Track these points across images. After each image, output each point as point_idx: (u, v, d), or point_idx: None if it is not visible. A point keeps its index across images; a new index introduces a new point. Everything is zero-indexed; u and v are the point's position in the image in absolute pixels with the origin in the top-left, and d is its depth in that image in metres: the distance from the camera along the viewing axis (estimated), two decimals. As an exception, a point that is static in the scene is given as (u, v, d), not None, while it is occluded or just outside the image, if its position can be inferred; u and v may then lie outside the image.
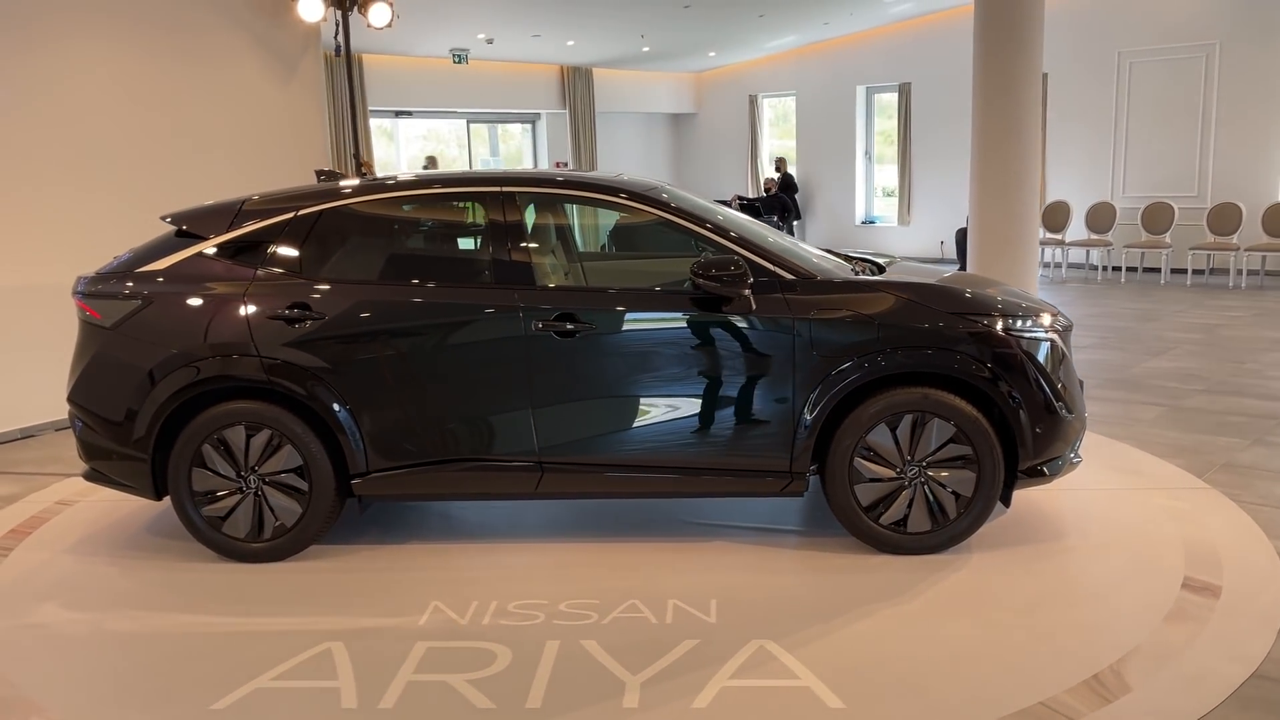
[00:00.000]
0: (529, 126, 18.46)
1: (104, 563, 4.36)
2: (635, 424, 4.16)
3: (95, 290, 4.33)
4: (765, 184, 17.06)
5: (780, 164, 17.08)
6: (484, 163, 17.94)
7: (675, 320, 4.12)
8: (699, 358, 4.11)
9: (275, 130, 7.77)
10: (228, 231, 4.34)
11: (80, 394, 4.34)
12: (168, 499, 4.33)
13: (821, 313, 4.04)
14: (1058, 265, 13.69)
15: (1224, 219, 12.23)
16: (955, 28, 14.70)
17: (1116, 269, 13.13)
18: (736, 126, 18.73)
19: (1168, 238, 12.63)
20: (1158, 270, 12.76)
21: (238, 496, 4.22)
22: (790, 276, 4.11)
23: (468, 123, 17.63)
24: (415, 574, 4.15)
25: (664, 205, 4.31)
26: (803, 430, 4.06)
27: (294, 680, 3.28)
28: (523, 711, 3.05)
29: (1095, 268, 13.46)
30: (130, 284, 4.30)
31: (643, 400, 4.14)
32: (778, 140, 19.01)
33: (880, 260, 4.86)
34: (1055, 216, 13.54)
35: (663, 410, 4.13)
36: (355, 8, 8.30)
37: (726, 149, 18.99)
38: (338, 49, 8.57)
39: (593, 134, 17.88)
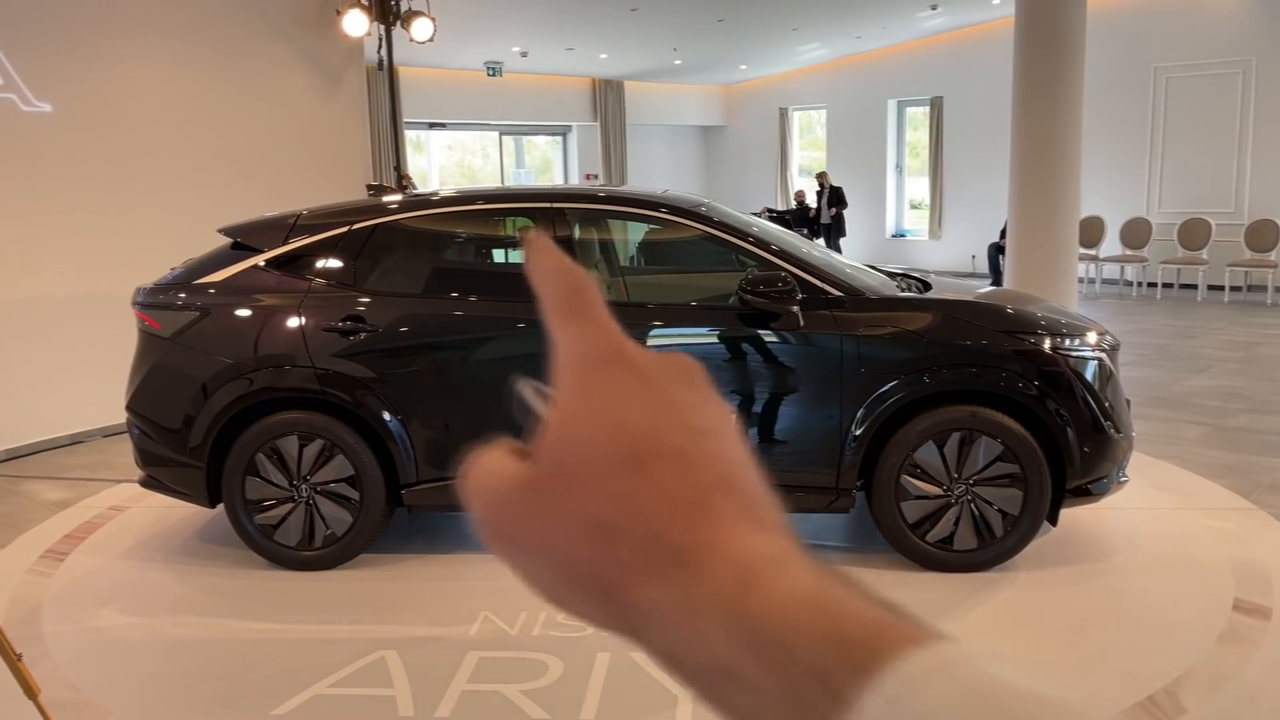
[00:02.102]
0: (558, 139, 18.57)
1: (159, 568, 4.44)
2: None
3: (155, 301, 4.42)
4: (796, 195, 16.94)
5: (822, 179, 16.27)
6: (515, 175, 18.06)
7: (723, 336, 4.16)
8: (746, 373, 4.15)
9: (319, 143, 7.88)
10: (283, 245, 4.42)
11: (139, 402, 4.42)
12: (220, 507, 4.41)
13: (869, 330, 4.06)
14: (1091, 281, 13.60)
15: (1262, 235, 12.13)
16: (988, 41, 14.70)
17: (1152, 285, 13.04)
18: (766, 139, 18.76)
19: (1204, 254, 12.53)
20: (1194, 287, 12.66)
21: (290, 505, 4.29)
22: (837, 293, 4.14)
23: (500, 135, 17.76)
24: (463, 584, 4.19)
25: (708, 220, 4.35)
26: (849, 446, 4.08)
27: (351, 688, 3.33)
28: (578, 723, 3.09)
29: (1130, 284, 13.37)
30: (188, 295, 4.39)
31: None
32: (807, 153, 19.03)
33: (928, 277, 4.88)
34: (1089, 232, 13.44)
35: (710, 425, 4.15)
36: (398, 22, 8.41)
37: (756, 161, 19.02)
38: (380, 63, 8.69)
39: (623, 146, 17.96)
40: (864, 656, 0.34)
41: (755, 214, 12.49)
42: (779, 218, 15.57)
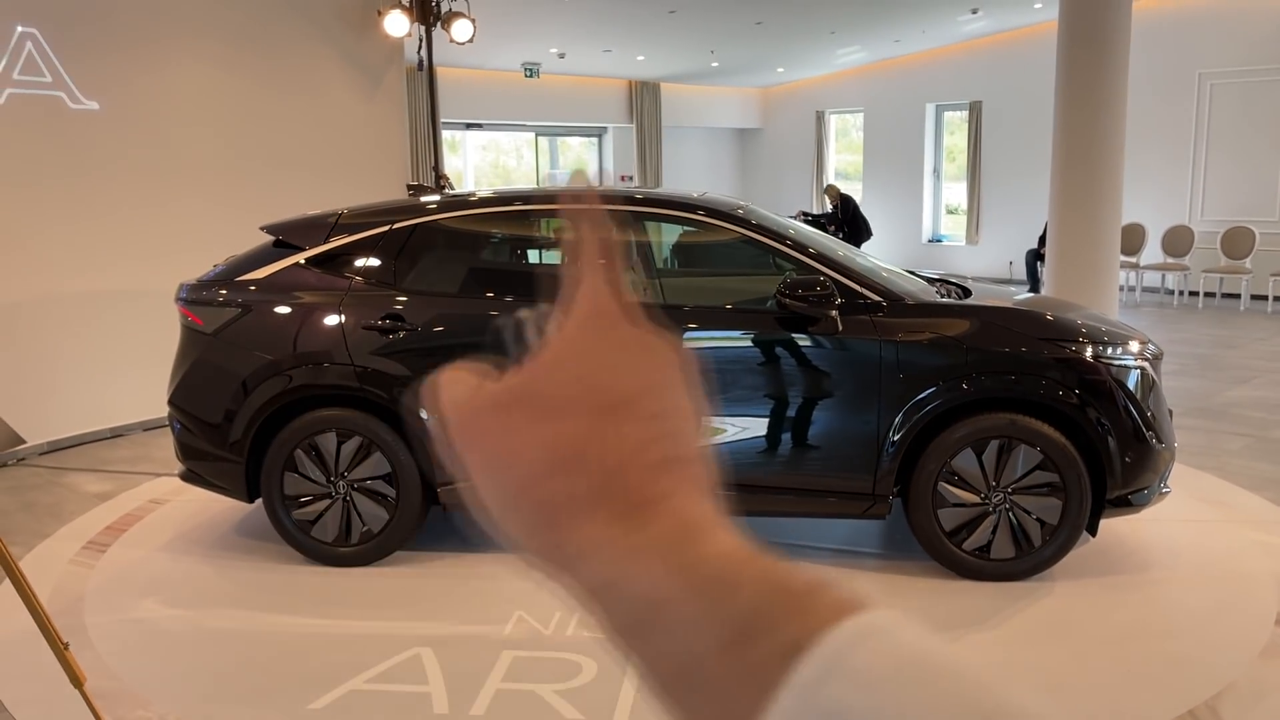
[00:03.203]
0: (593, 140, 18.61)
1: (198, 561, 4.50)
2: (717, 441, 4.19)
3: (198, 297, 4.48)
4: (829, 190, 16.35)
5: (830, 191, 15.14)
6: (552, 176, 18.12)
7: (760, 340, 4.14)
8: (782, 377, 4.13)
9: (360, 143, 7.95)
10: (324, 243, 4.46)
11: (180, 397, 4.48)
12: (258, 501, 4.46)
13: (908, 335, 4.03)
14: (1132, 289, 13.42)
15: (1307, 245, 11.91)
16: (1029, 46, 14.55)
17: (1193, 294, 12.84)
18: (802, 142, 18.69)
19: (1248, 263, 12.32)
20: (1237, 296, 12.46)
21: (327, 501, 4.33)
22: (876, 298, 4.11)
23: (536, 135, 17.83)
24: (497, 583, 4.21)
25: (746, 223, 4.34)
26: (887, 453, 4.05)
27: (387, 684, 3.35)
28: (611, 724, 3.10)
29: (1171, 292, 13.17)
30: (230, 292, 4.44)
31: (726, 418, 4.17)
32: (843, 156, 18.93)
33: (962, 283, 4.84)
34: (1130, 239, 13.27)
35: (745, 429, 4.16)
36: (439, 23, 8.47)
37: (792, 164, 18.95)
38: (420, 63, 8.75)
39: (659, 148, 17.96)
40: (806, 604, 0.36)
41: (791, 217, 12.44)
42: (814, 221, 15.48)
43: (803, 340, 4.09)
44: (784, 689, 0.34)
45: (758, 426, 4.14)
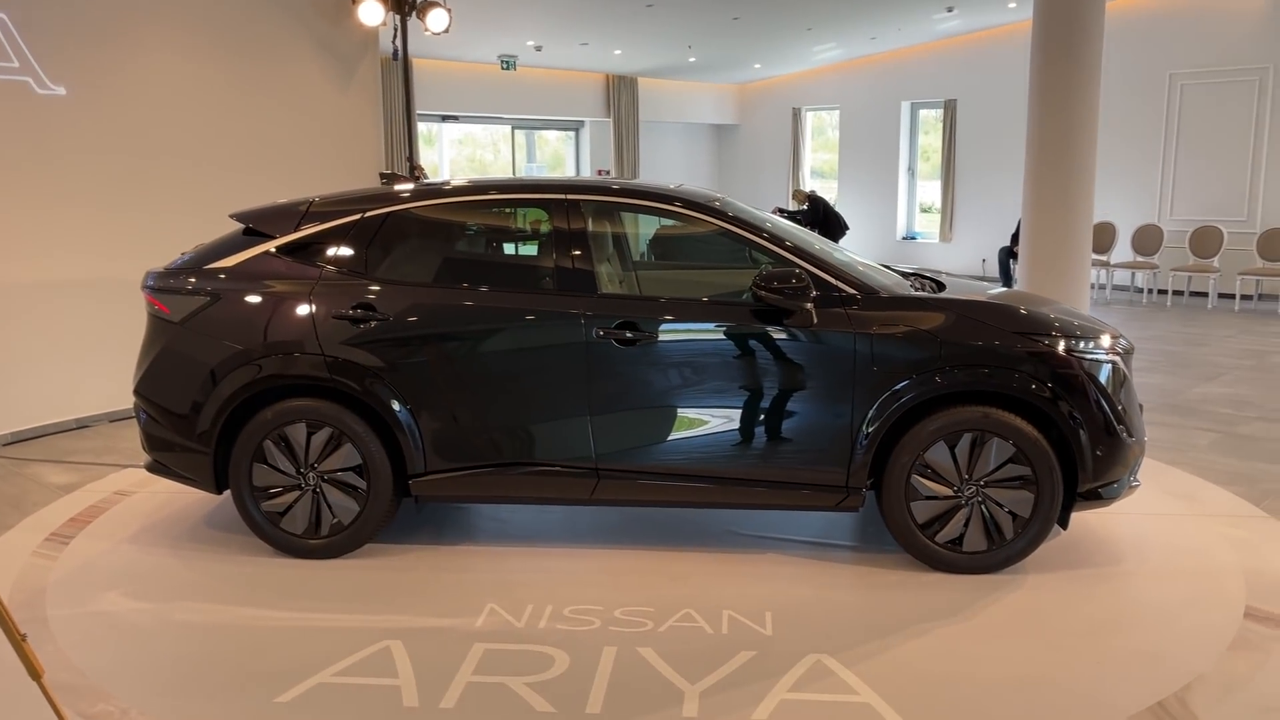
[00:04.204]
0: (571, 134, 18.55)
1: (164, 554, 4.43)
2: (692, 434, 4.17)
3: (164, 285, 4.41)
4: (796, 195, 16.38)
5: (797, 196, 15.26)
6: (526, 169, 18.05)
7: (735, 332, 4.13)
8: (758, 370, 4.12)
9: (333, 132, 7.87)
10: (294, 231, 4.40)
11: (146, 387, 4.41)
12: (227, 493, 4.40)
13: (882, 328, 4.03)
14: (1102, 287, 13.55)
15: (1274, 244, 12.06)
16: (1003, 45, 14.65)
17: (1162, 292, 12.98)
18: (779, 139, 18.72)
19: (1216, 262, 12.47)
20: (1204, 295, 12.60)
21: (297, 493, 4.28)
22: (851, 291, 4.11)
23: (513, 128, 17.74)
24: (470, 575, 4.18)
25: (723, 215, 4.32)
26: (860, 445, 4.05)
27: (355, 677, 3.31)
28: (583, 716, 3.07)
29: (1140, 290, 13.31)
30: (198, 280, 4.37)
31: (700, 410, 4.15)
32: (820, 154, 18.98)
33: (937, 277, 4.84)
34: (1101, 238, 13.39)
35: (720, 421, 4.14)
36: (414, 13, 8.39)
37: (769, 161, 18.98)
38: (395, 53, 8.67)
39: (636, 143, 17.93)
40: None
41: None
42: (790, 218, 15.47)
43: (778, 333, 4.07)
44: None
45: (732, 419, 4.13)
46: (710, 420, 4.15)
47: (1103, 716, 3.03)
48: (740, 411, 4.13)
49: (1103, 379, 4.08)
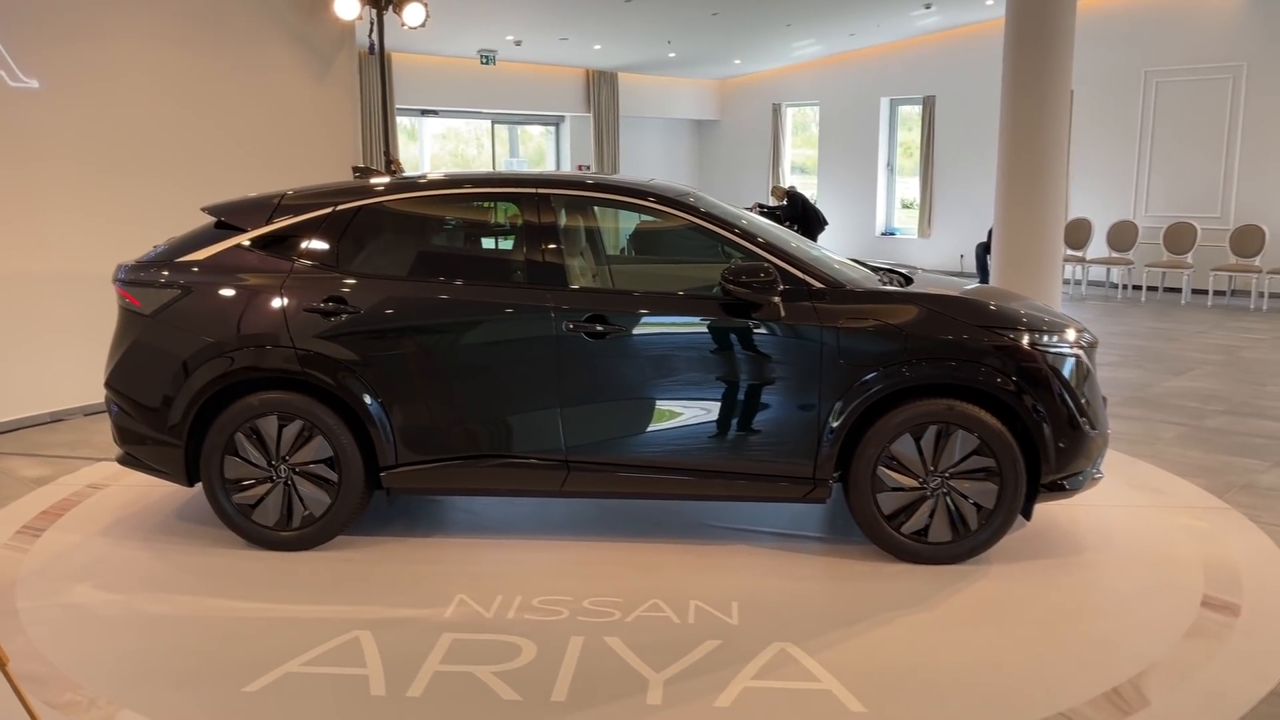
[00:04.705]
0: (551, 128, 18.54)
1: (136, 546, 4.44)
2: (661, 426, 4.21)
3: (136, 278, 4.41)
4: (775, 191, 16.53)
5: (776, 192, 15.38)
6: (507, 164, 18.03)
7: (704, 325, 4.17)
8: (727, 363, 4.16)
9: (309, 126, 7.86)
10: (266, 225, 4.41)
11: (118, 379, 4.41)
12: (198, 485, 4.41)
13: (849, 322, 4.08)
14: (1078, 283, 13.68)
15: (1246, 241, 12.21)
16: (981, 42, 14.73)
17: (1137, 288, 13.12)
18: (759, 134, 18.77)
19: (1189, 258, 12.61)
20: (1178, 290, 12.74)
21: (268, 485, 4.29)
22: (819, 285, 4.15)
23: (492, 123, 17.72)
24: (440, 567, 4.21)
25: (695, 210, 4.36)
26: (827, 438, 4.10)
27: (323, 666, 3.34)
28: (548, 705, 3.11)
29: (1115, 286, 13.44)
30: (170, 273, 4.38)
31: (669, 403, 4.19)
32: (802, 150, 19.04)
33: (906, 271, 4.90)
34: (1077, 234, 13.53)
35: (689, 413, 4.18)
36: (390, 7, 8.39)
37: (749, 156, 19.03)
38: (371, 47, 8.66)
39: (616, 138, 17.94)
40: None
41: (747, 209, 12.46)
42: (769, 213, 15.55)
43: (746, 326, 4.11)
44: None
45: (701, 412, 4.17)
46: (679, 413, 4.19)
47: (1058, 702, 3.10)
48: (708, 404, 4.17)
49: (1066, 373, 4.14)
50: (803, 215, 14.50)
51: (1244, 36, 12.54)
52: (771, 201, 15.37)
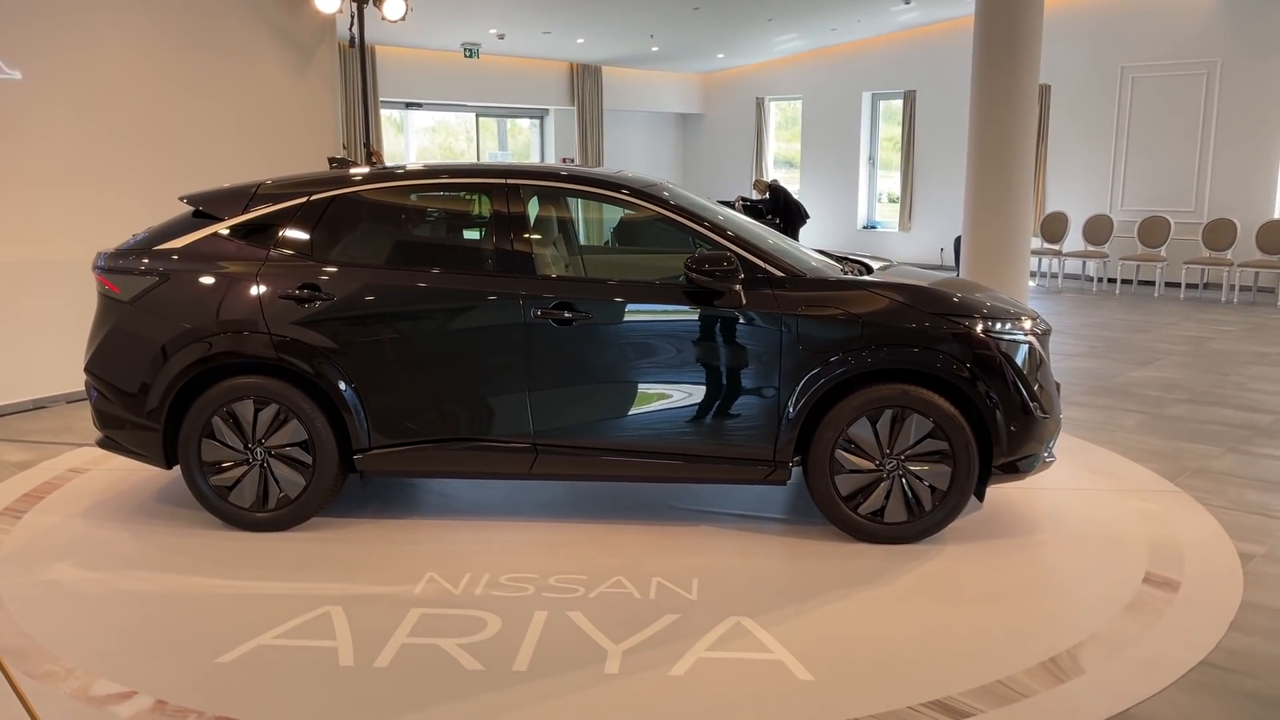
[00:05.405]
0: (535, 122, 18.62)
1: (115, 527, 4.55)
2: (626, 411, 4.33)
3: (115, 265, 4.51)
4: (757, 185, 16.64)
5: (758, 185, 15.41)
6: (492, 156, 18.11)
7: (668, 312, 4.30)
8: (690, 349, 4.29)
9: (289, 118, 7.95)
10: (243, 213, 4.52)
11: (97, 365, 4.52)
12: (177, 468, 4.52)
13: (808, 309, 4.21)
14: (1054, 275, 13.86)
15: (1219, 234, 12.40)
16: (961, 37, 14.81)
17: (1112, 281, 13.31)
18: (743, 128, 18.90)
19: (1163, 251, 12.80)
20: (1152, 283, 12.93)
21: (244, 468, 4.41)
22: (780, 274, 4.28)
23: (476, 116, 17.79)
24: (412, 547, 4.33)
25: (663, 202, 4.48)
26: (787, 422, 4.23)
27: (294, 639, 3.46)
28: (509, 674, 3.24)
29: (1091, 279, 13.63)
30: (148, 261, 4.48)
31: (634, 388, 4.32)
32: (787, 144, 19.17)
33: (870, 261, 5.03)
34: (1053, 227, 13.71)
35: (653, 398, 4.31)
36: (370, 1, 8.48)
37: (733, 150, 19.15)
38: (352, 40, 8.75)
39: (600, 131, 18.04)
40: None
41: (729, 203, 12.56)
42: (753, 206, 15.67)
43: (708, 313, 4.24)
44: None
45: (666, 396, 4.30)
46: (643, 397, 4.32)
47: (999, 669, 3.24)
48: (672, 389, 4.30)
49: (1019, 360, 4.28)
50: (785, 209, 14.64)
51: (1218, 33, 12.72)
52: (755, 195, 15.52)
